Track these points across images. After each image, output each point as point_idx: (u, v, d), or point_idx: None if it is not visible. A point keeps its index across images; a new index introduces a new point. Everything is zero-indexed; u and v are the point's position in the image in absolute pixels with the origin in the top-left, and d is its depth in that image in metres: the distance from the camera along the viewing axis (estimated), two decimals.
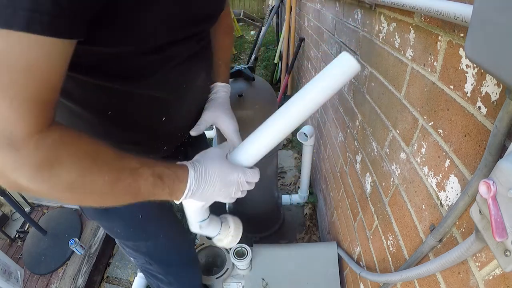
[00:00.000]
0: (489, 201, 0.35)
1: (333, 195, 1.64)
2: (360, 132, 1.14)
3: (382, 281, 0.79)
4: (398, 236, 0.80)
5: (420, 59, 0.67)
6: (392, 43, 0.82)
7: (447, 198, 0.57)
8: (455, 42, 0.54)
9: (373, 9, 0.95)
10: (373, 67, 0.98)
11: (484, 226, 0.39)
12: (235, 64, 5.71)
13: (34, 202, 2.41)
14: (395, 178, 0.81)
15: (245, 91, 1.40)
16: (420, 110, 0.67)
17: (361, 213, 1.13)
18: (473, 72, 0.49)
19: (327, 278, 1.38)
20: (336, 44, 1.54)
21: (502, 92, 0.43)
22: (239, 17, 8.29)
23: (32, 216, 2.28)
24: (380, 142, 0.92)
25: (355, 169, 1.21)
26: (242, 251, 1.49)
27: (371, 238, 1.02)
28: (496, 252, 0.38)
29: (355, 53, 1.18)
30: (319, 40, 2.05)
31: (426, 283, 0.66)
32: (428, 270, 0.55)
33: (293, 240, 2.17)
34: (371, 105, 1.01)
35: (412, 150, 0.72)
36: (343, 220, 1.41)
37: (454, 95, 0.55)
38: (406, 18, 0.73)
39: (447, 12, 0.49)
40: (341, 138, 1.44)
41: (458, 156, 0.54)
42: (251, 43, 7.05)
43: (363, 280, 1.10)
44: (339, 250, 1.40)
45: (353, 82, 1.23)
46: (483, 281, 0.47)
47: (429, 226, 0.64)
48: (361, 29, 1.10)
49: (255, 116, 1.44)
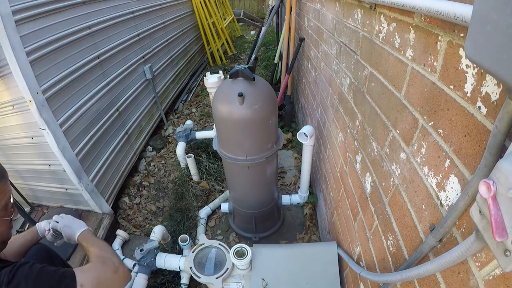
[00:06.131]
0: (489, 201, 0.35)
1: (333, 195, 1.64)
2: (360, 132, 1.14)
3: (382, 281, 0.79)
4: (398, 236, 0.80)
5: (420, 59, 0.67)
6: (392, 43, 0.82)
7: (447, 198, 0.57)
8: (455, 42, 0.54)
9: (373, 9, 0.95)
10: (373, 67, 0.98)
11: (484, 226, 0.39)
12: (235, 64, 5.73)
13: (34, 202, 2.42)
14: (395, 178, 0.81)
15: (245, 91, 1.40)
16: (420, 110, 0.67)
17: (361, 213, 1.13)
18: (473, 72, 0.49)
19: (327, 278, 1.38)
20: (336, 44, 1.54)
21: (502, 92, 0.43)
22: (239, 17, 8.29)
23: (32, 216, 2.28)
24: (380, 142, 0.92)
25: (355, 169, 1.21)
26: (242, 251, 1.49)
27: (371, 238, 1.02)
28: (496, 252, 0.38)
29: (355, 53, 1.19)
30: (319, 40, 2.05)
31: (426, 283, 0.66)
32: (428, 270, 0.55)
33: (293, 240, 2.17)
34: (371, 105, 1.00)
35: (412, 150, 0.72)
36: (343, 220, 1.41)
37: (454, 95, 0.55)
38: (406, 18, 0.73)
39: (447, 12, 0.49)
40: (341, 138, 1.44)
41: (458, 156, 0.54)
42: (251, 43, 7.06)
43: (363, 280, 1.10)
44: (339, 250, 1.40)
45: (353, 82, 1.23)
46: (483, 281, 0.47)
47: (429, 226, 0.64)
48: (361, 29, 1.10)
49: (255, 115, 1.44)
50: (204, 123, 3.92)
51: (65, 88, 1.96)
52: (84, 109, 2.13)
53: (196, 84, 5.02)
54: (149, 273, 1.73)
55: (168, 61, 3.95)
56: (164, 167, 3.07)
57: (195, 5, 5.19)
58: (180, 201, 2.53)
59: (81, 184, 2.02)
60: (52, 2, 1.86)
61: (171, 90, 4.04)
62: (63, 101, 1.94)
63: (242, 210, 2.02)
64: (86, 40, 2.21)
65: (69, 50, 2.02)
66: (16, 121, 1.87)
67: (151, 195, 2.71)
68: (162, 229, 1.95)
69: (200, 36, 5.57)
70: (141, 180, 2.87)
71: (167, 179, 2.89)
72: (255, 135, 1.53)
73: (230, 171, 1.83)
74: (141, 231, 2.35)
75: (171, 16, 4.11)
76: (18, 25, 1.59)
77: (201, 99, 4.57)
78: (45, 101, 1.75)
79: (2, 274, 0.74)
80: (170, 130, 3.64)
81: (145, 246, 1.74)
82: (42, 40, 1.77)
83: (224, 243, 1.76)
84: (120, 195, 2.63)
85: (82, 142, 2.08)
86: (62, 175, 2.01)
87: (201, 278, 1.53)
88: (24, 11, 1.64)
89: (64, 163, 1.92)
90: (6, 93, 1.76)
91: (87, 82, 2.20)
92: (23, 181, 2.28)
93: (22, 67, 1.61)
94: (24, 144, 1.97)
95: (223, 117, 1.48)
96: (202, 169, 2.75)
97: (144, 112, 3.17)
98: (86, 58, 2.19)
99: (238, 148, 1.58)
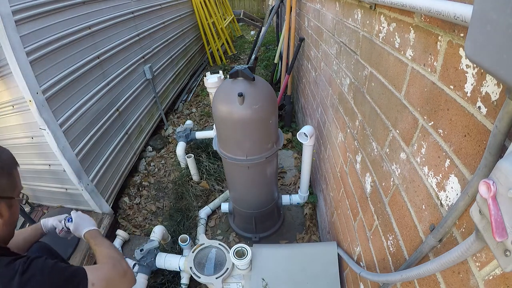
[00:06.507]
0: (489, 201, 0.35)
1: (333, 195, 1.64)
2: (360, 132, 1.14)
3: (382, 281, 0.79)
4: (398, 236, 0.80)
5: (420, 59, 0.67)
6: (392, 43, 0.82)
7: (447, 198, 0.57)
8: (455, 42, 0.54)
9: (373, 9, 0.95)
10: (373, 67, 0.98)
11: (484, 226, 0.39)
12: (235, 64, 5.73)
13: (34, 202, 2.41)
14: (395, 178, 0.81)
15: (245, 91, 1.40)
16: (420, 110, 0.67)
17: (361, 213, 1.13)
18: (473, 72, 0.49)
19: (327, 278, 1.37)
20: (336, 44, 1.54)
21: (502, 92, 0.43)
22: (239, 17, 8.29)
23: (32, 216, 2.28)
24: (380, 142, 0.92)
25: (355, 169, 1.20)
26: (242, 251, 1.49)
27: (371, 238, 1.02)
28: (496, 252, 0.38)
29: (355, 53, 1.19)
30: (319, 40, 2.05)
31: (426, 283, 0.66)
32: (428, 270, 0.55)
33: (293, 240, 2.17)
34: (371, 105, 1.00)
35: (412, 150, 0.72)
36: (343, 220, 1.41)
37: (454, 95, 0.55)
38: (406, 18, 0.73)
39: (447, 12, 0.49)
40: (341, 138, 1.43)
41: (458, 156, 0.54)
42: (251, 43, 7.06)
43: (363, 280, 1.10)
44: (339, 250, 1.40)
45: (353, 82, 1.23)
46: (483, 281, 0.47)
47: (429, 226, 0.64)
48: (361, 29, 1.10)
49: (255, 115, 1.44)
50: (204, 123, 3.92)
51: (65, 88, 1.96)
52: (84, 109, 2.13)
53: (196, 84, 5.02)
54: (149, 273, 1.73)
55: (168, 61, 3.95)
56: (164, 167, 3.07)
57: (195, 5, 5.19)
58: (180, 201, 2.53)
59: (81, 184, 2.02)
60: (52, 2, 1.86)
61: (171, 90, 4.03)
62: (63, 101, 1.94)
63: (242, 210, 2.01)
64: (86, 40, 2.21)
65: (69, 50, 2.02)
66: (16, 121, 1.87)
67: (151, 195, 2.71)
68: (162, 229, 1.95)
69: (200, 36, 5.57)
70: (141, 180, 2.87)
71: (167, 179, 2.89)
72: (255, 135, 1.53)
73: (230, 171, 1.83)
74: (141, 231, 2.35)
75: (171, 16, 4.11)
76: (18, 25, 1.59)
77: (201, 99, 4.57)
78: (45, 101, 1.75)
79: (16, 264, 0.75)
80: (170, 130, 3.64)
81: (145, 246, 1.74)
82: (42, 40, 1.77)
83: (224, 243, 1.76)
84: (120, 195, 2.63)
85: (82, 142, 2.08)
86: (62, 175, 2.01)
87: (201, 278, 1.53)
88: (24, 11, 1.64)
89: (64, 163, 1.92)
90: (6, 93, 1.76)
91: (87, 82, 2.20)
92: (23, 181, 2.24)
93: (22, 67, 1.61)
94: (24, 144, 1.97)
95: (223, 117, 1.48)
96: (202, 169, 2.75)
97: (144, 112, 3.17)
98: (86, 58, 2.19)
99: (238, 148, 1.58)
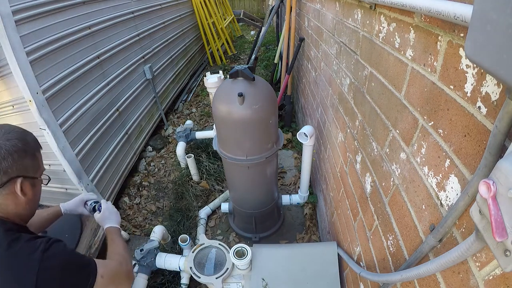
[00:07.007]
0: (489, 201, 0.35)
1: (333, 195, 1.64)
2: (360, 132, 1.14)
3: (382, 281, 0.79)
4: (398, 236, 0.80)
5: (420, 59, 0.67)
6: (392, 43, 0.82)
7: (447, 198, 0.57)
8: (455, 42, 0.54)
9: (373, 9, 0.95)
10: (373, 67, 0.98)
11: (484, 226, 0.39)
12: (235, 64, 5.73)
13: None
14: (395, 178, 0.81)
15: (245, 91, 1.40)
16: (420, 110, 0.67)
17: (361, 213, 1.13)
18: (473, 72, 0.49)
19: (327, 278, 1.37)
20: (336, 44, 1.54)
21: (502, 92, 0.43)
22: (239, 17, 8.29)
23: None
24: (380, 142, 0.92)
25: (355, 169, 1.20)
26: (242, 251, 1.49)
27: (371, 238, 1.02)
28: (496, 252, 0.38)
29: (355, 53, 1.19)
30: (319, 40, 2.05)
31: (426, 283, 0.66)
32: (428, 270, 0.55)
33: (293, 240, 2.17)
34: (371, 105, 1.00)
35: (412, 150, 0.72)
36: (343, 220, 1.41)
37: (454, 95, 0.55)
38: (406, 18, 0.73)
39: (447, 12, 0.49)
40: (341, 138, 1.43)
41: (458, 156, 0.54)
42: (251, 43, 7.06)
43: (363, 280, 1.10)
44: (339, 250, 1.40)
45: (353, 82, 1.23)
46: (483, 281, 0.47)
47: (429, 226, 0.64)
48: (361, 29, 1.10)
49: (255, 115, 1.44)
50: (204, 123, 3.92)
51: (65, 88, 1.96)
52: (84, 109, 2.13)
53: (196, 84, 5.02)
54: (149, 273, 1.73)
55: (168, 61, 3.95)
56: (164, 167, 3.07)
57: (195, 5, 5.19)
58: (180, 201, 2.53)
59: (81, 184, 2.02)
60: (52, 2, 1.86)
61: (171, 90, 4.03)
62: (63, 101, 1.94)
63: (242, 210, 2.01)
64: (86, 40, 2.21)
65: (69, 50, 2.02)
66: (16, 121, 1.87)
67: (151, 195, 2.71)
68: (162, 229, 1.95)
69: (200, 36, 5.57)
70: (141, 180, 2.87)
71: (167, 179, 2.89)
72: (255, 135, 1.53)
73: (230, 171, 1.83)
74: (141, 231, 2.35)
75: (171, 16, 4.11)
76: (18, 25, 1.59)
77: (201, 99, 4.57)
78: (45, 101, 1.75)
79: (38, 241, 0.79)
80: (170, 130, 3.64)
81: (145, 246, 1.74)
82: (42, 40, 1.77)
83: (224, 243, 1.76)
84: (120, 195, 2.63)
85: (82, 142, 2.08)
86: (62, 175, 2.01)
87: (201, 278, 1.53)
88: (24, 11, 1.64)
89: (64, 163, 1.92)
90: (6, 93, 1.76)
91: (87, 82, 2.20)
92: None
93: (22, 67, 1.61)
94: None
95: (223, 117, 1.48)
96: (202, 169, 2.75)
97: (144, 112, 3.17)
98: (86, 58, 2.19)
99: (238, 148, 1.58)
